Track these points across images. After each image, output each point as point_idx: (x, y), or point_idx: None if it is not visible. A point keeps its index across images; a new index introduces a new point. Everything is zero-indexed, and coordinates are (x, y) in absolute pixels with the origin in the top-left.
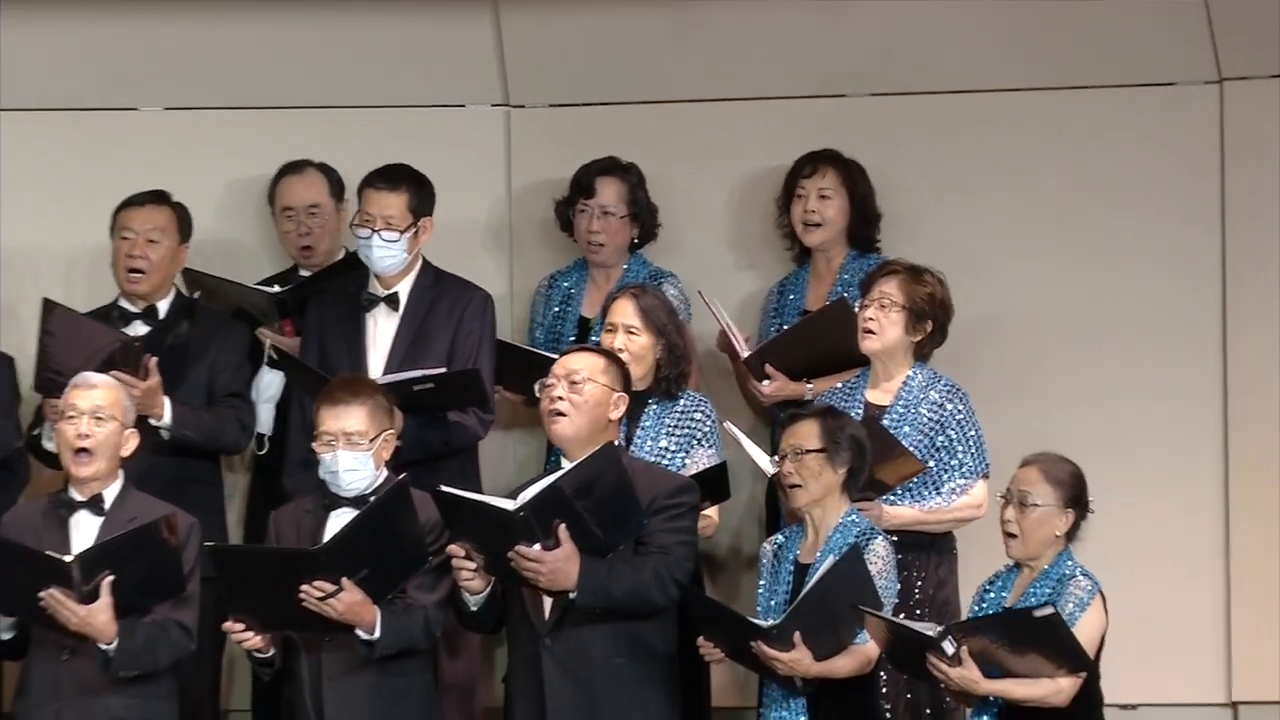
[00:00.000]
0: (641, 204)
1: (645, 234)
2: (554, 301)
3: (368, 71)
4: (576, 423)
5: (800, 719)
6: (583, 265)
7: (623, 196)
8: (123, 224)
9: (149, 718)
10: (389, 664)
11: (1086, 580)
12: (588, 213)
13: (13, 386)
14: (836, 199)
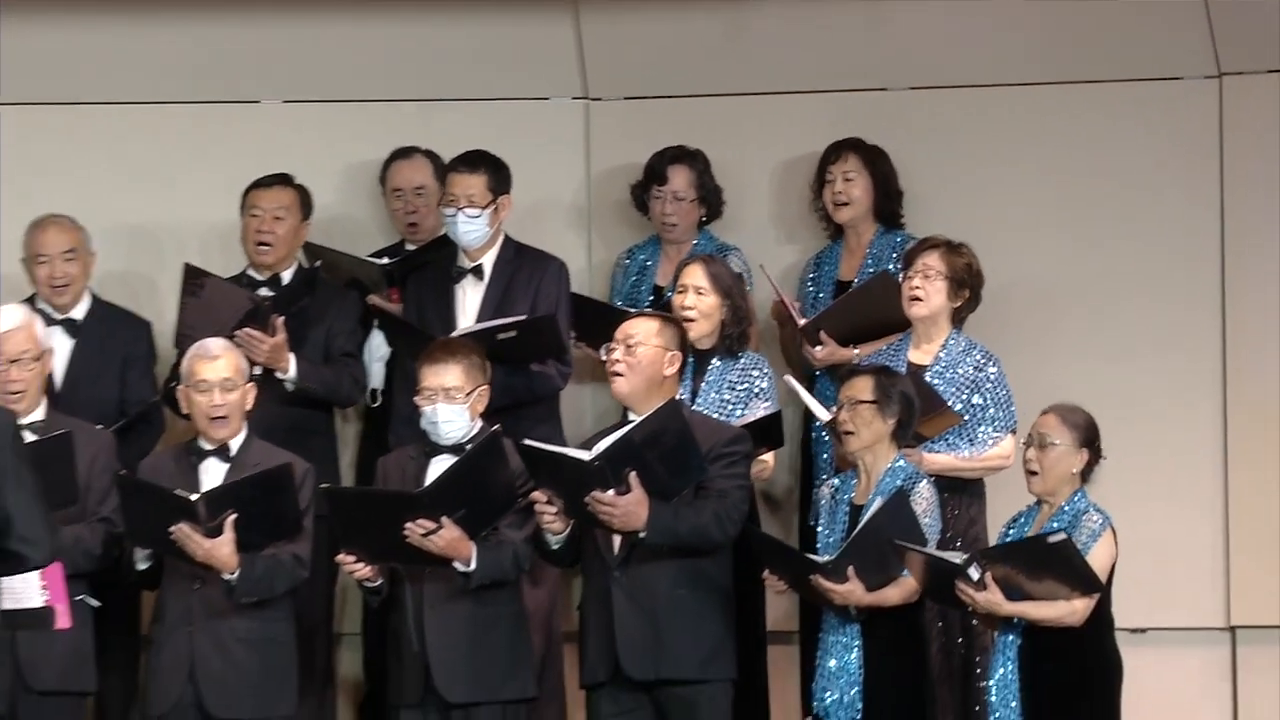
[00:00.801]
0: (708, 187)
1: (712, 213)
2: (631, 272)
3: (463, 68)
4: (632, 381)
5: (855, 643)
6: (657, 240)
7: (691, 182)
8: (252, 203)
9: (270, 639)
10: (482, 593)
11: (1098, 515)
12: (661, 198)
13: (150, 347)
14: (860, 180)
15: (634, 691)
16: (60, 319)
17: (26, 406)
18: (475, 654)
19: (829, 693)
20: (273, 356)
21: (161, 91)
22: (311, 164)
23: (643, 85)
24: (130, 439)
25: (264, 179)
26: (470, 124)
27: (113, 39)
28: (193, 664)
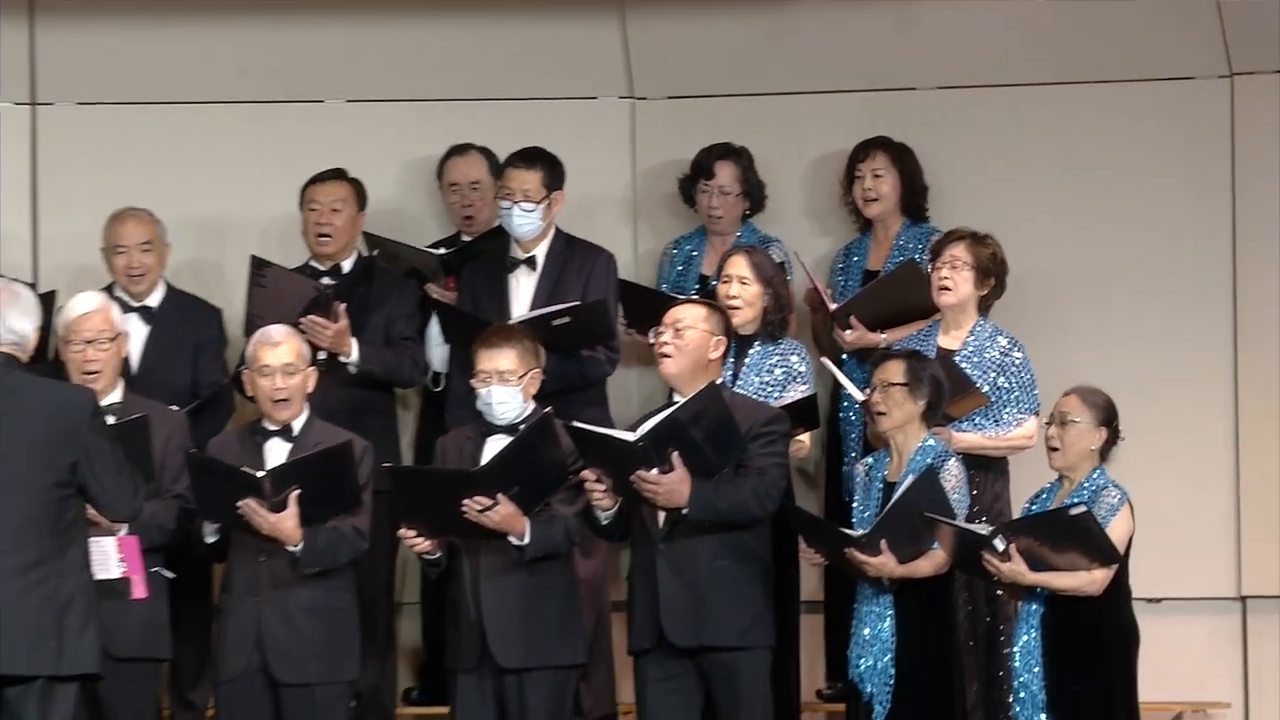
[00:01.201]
0: (752, 182)
1: (755, 207)
2: (677, 262)
3: (516, 69)
4: (680, 363)
5: (888, 612)
6: (703, 232)
7: (736, 177)
8: (310, 198)
9: (333, 608)
10: (536, 565)
11: (1116, 491)
12: (708, 191)
13: (221, 333)
14: (888, 177)
15: (678, 657)
16: (136, 306)
17: (103, 387)
18: (529, 622)
19: (863, 659)
20: (336, 341)
21: (232, 92)
22: (372, 160)
23: (685, 85)
24: (202, 419)
25: (320, 174)
26: (522, 122)
27: (186, 42)
28: (259, 632)
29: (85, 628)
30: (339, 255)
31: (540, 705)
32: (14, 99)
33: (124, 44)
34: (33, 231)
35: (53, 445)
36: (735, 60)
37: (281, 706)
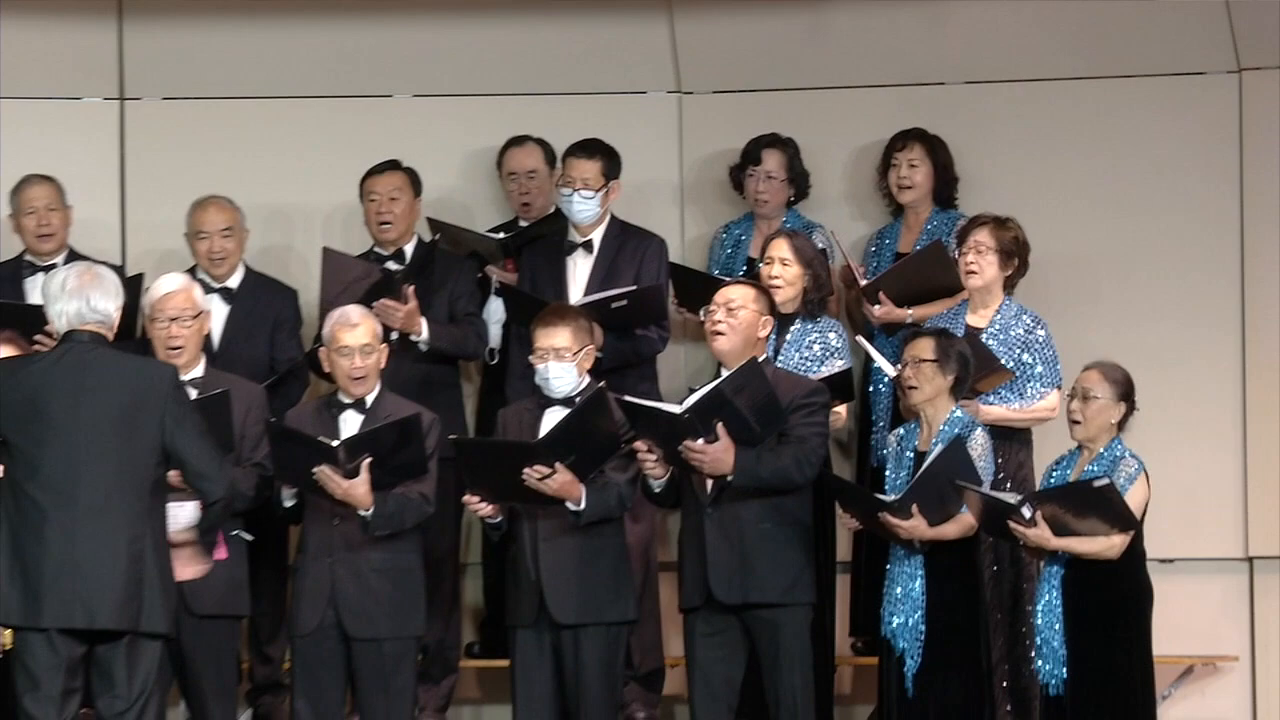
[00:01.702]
0: (797, 170)
1: (800, 194)
2: (726, 245)
3: (570, 65)
4: (732, 340)
5: (919, 573)
6: (751, 217)
7: (783, 164)
8: (369, 189)
9: (401, 568)
10: (590, 528)
11: (1134, 460)
12: (755, 177)
13: (296, 312)
14: (923, 167)
15: (724, 614)
16: (218, 287)
17: (186, 361)
18: (583, 581)
19: (895, 617)
20: (407, 322)
21: (306, 87)
22: (436, 151)
23: (730, 80)
24: (279, 393)
25: (376, 166)
26: (576, 115)
27: (263, 41)
28: (333, 590)
29: (165, 590)
30: (400, 240)
31: (594, 659)
32: (103, 94)
33: (206, 42)
34: (121, 218)
35: (137, 417)
36: (776, 57)
37: (353, 659)
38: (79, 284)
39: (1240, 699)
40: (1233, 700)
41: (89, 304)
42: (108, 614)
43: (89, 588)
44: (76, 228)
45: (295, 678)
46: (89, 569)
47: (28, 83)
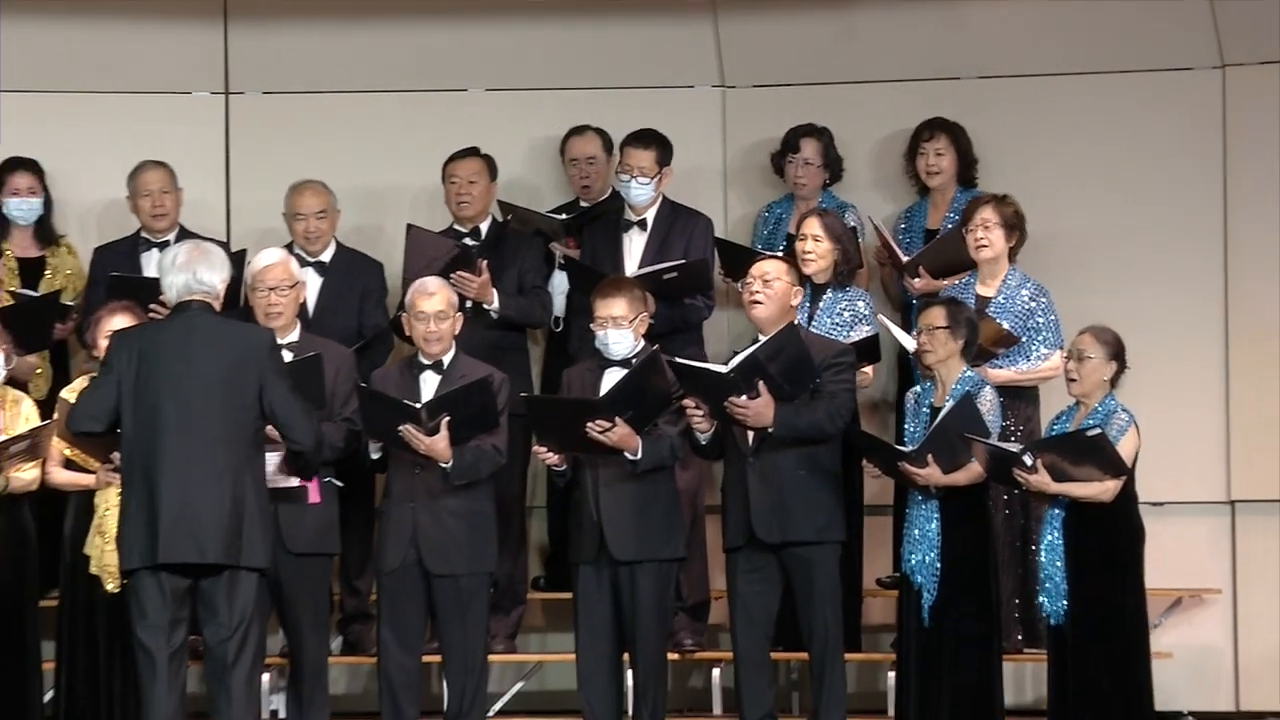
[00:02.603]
0: (832, 156)
1: (834, 177)
2: (769, 222)
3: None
4: (769, 309)
5: (934, 515)
6: (790, 198)
7: (819, 151)
8: (451, 173)
9: (476, 511)
10: (645, 475)
11: (1125, 414)
12: (794, 163)
13: (382, 283)
14: (948, 155)
15: (764, 552)
16: (312, 261)
17: (283, 325)
18: (639, 522)
19: (914, 555)
20: (481, 292)
21: (391, 82)
22: (506, 139)
23: (768, 75)
24: (366, 356)
25: (458, 152)
26: (631, 107)
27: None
28: (415, 531)
29: (264, 529)
30: (477, 219)
31: (648, 592)
32: (210, 89)
33: (302, 43)
34: (226, 200)
35: (239, 376)
36: (810, 54)
37: (433, 593)
38: (188, 259)
39: (1223, 627)
40: (1217, 628)
41: (196, 277)
42: (215, 550)
43: (200, 527)
44: (186, 208)
45: (381, 609)
46: (199, 511)
47: (143, 79)
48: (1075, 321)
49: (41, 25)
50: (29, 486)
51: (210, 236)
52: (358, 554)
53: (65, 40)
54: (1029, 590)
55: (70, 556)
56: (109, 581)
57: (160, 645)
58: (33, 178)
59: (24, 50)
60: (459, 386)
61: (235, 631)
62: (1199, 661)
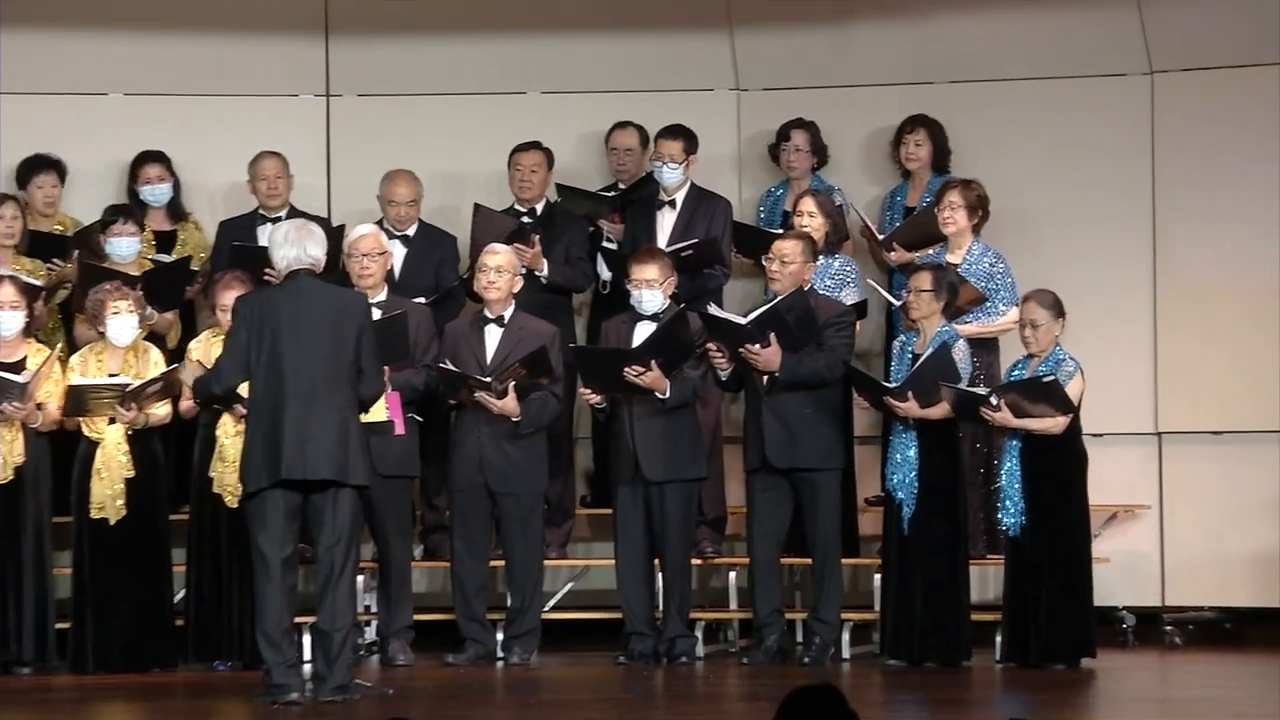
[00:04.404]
0: (818, 145)
1: (821, 162)
2: (770, 201)
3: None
4: (785, 284)
5: (913, 443)
6: (786, 182)
7: (807, 140)
8: (515, 161)
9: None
10: (673, 411)
11: (1072, 362)
12: (786, 150)
13: (455, 252)
14: (925, 145)
15: (777, 475)
16: (399, 235)
17: (373, 286)
18: (667, 449)
19: (895, 475)
20: (533, 261)
21: (464, 85)
22: (558, 133)
23: (776, 80)
24: (440, 309)
25: (522, 144)
26: (660, 107)
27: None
28: (481, 457)
29: (363, 453)
30: (534, 200)
31: (675, 506)
32: (313, 92)
33: (391, 53)
34: (327, 184)
35: (340, 329)
36: (811, 62)
37: (497, 508)
38: (297, 235)
39: (1152, 536)
40: (1146, 538)
41: (305, 250)
42: (327, 468)
43: (315, 450)
44: (296, 191)
45: (454, 523)
46: (314, 437)
47: (258, 84)
48: (1032, 283)
49: (173, 39)
50: (162, 421)
51: (314, 214)
52: (435, 476)
53: (193, 52)
54: (991, 506)
55: (198, 479)
56: (229, 498)
57: (275, 552)
58: (161, 167)
59: (161, 60)
60: (521, 357)
61: (340, 540)
62: (1131, 565)
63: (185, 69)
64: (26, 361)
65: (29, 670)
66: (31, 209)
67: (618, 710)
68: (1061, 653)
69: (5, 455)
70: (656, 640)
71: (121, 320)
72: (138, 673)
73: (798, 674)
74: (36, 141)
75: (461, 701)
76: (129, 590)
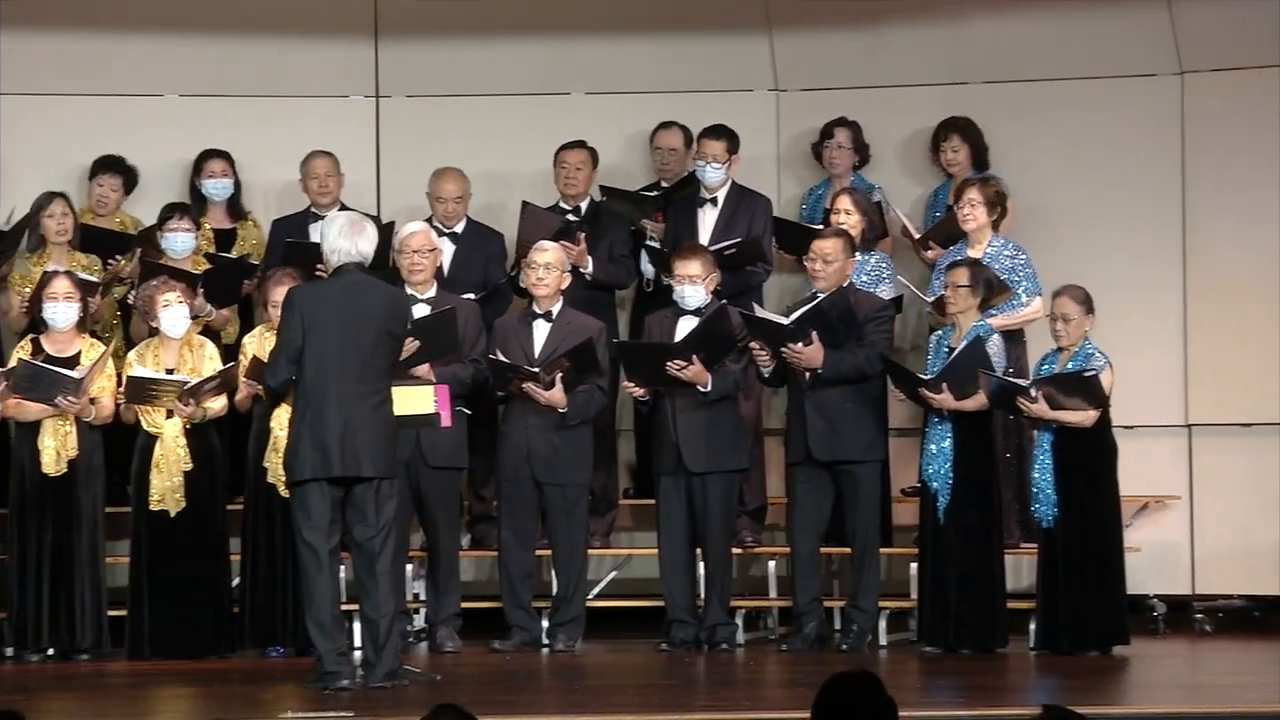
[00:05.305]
0: (860, 144)
1: (863, 160)
2: (811, 200)
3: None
4: (828, 282)
5: (948, 434)
6: (828, 181)
7: (849, 139)
8: (561, 160)
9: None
10: (715, 404)
11: (1102, 357)
12: (829, 148)
13: (502, 249)
14: (962, 149)
15: (819, 468)
16: (447, 232)
17: (422, 282)
18: (709, 441)
19: (930, 466)
20: (578, 259)
21: (510, 86)
22: (602, 133)
23: (814, 81)
24: (488, 305)
25: (567, 144)
26: (702, 107)
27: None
28: (528, 449)
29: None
30: (579, 198)
31: (717, 497)
32: (363, 93)
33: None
34: (376, 182)
35: (384, 322)
36: (847, 63)
37: (543, 499)
38: (350, 230)
39: (1182, 526)
40: (1176, 527)
41: (356, 246)
42: (375, 465)
43: (358, 445)
44: (346, 189)
45: (501, 512)
46: (358, 433)
47: (310, 86)
48: (1065, 279)
49: (227, 42)
50: (219, 414)
51: (365, 211)
52: (483, 467)
53: (246, 54)
54: (1024, 497)
55: (252, 469)
56: (283, 489)
57: (323, 543)
58: (224, 163)
59: (215, 63)
60: (567, 350)
61: (380, 531)
62: (1162, 554)
63: (239, 71)
64: (81, 356)
65: (87, 656)
66: (92, 207)
67: (660, 696)
68: (1094, 640)
69: (60, 449)
70: (698, 627)
71: (173, 311)
72: (193, 659)
73: (836, 660)
74: (94, 143)
75: (508, 687)
76: (186, 579)
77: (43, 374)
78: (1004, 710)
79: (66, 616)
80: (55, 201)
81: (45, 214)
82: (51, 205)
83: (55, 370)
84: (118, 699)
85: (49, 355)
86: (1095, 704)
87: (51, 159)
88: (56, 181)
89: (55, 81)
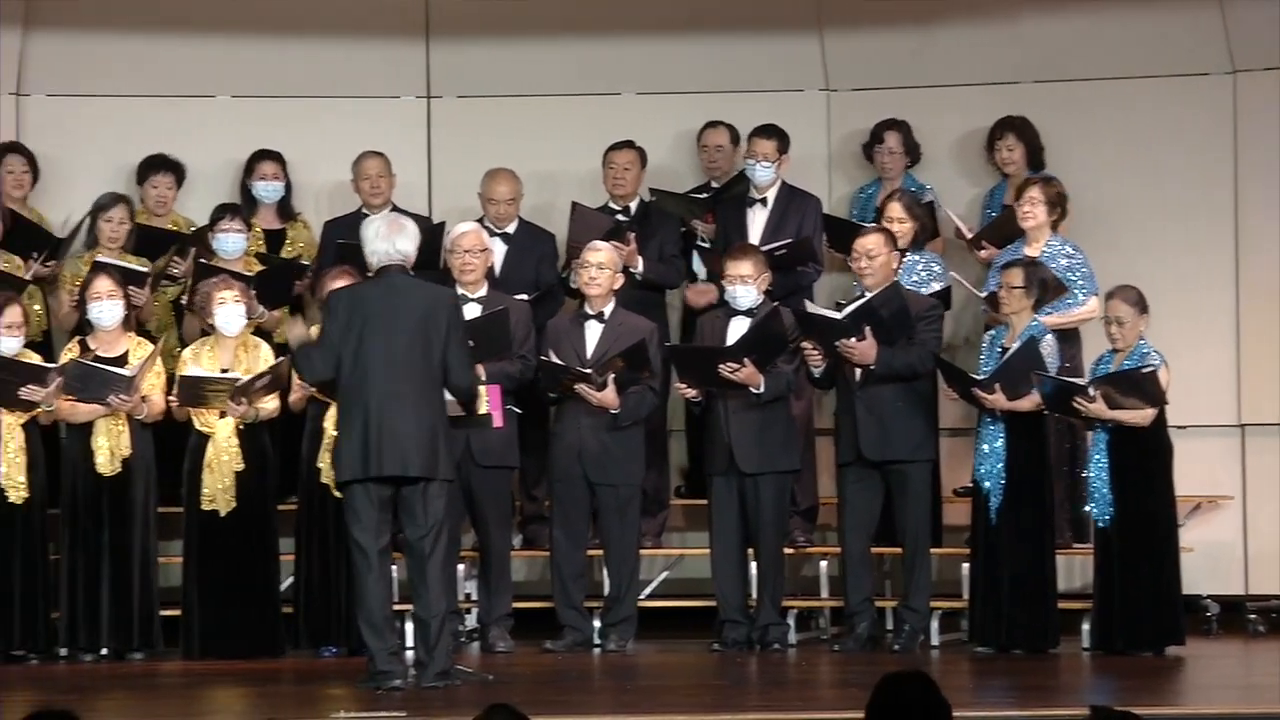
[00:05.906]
0: (911, 145)
1: (914, 161)
2: (861, 200)
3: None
4: (875, 279)
5: (1001, 435)
6: (878, 180)
7: (900, 140)
8: (610, 160)
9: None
10: (767, 405)
11: (1157, 355)
12: (880, 151)
13: (554, 250)
14: (1017, 149)
15: (869, 467)
16: (499, 233)
17: (474, 282)
18: (761, 441)
19: (983, 466)
20: (629, 259)
21: (560, 87)
22: (652, 133)
23: (864, 80)
24: (540, 307)
25: (616, 144)
26: (752, 107)
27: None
28: (580, 448)
29: (451, 447)
30: (628, 199)
31: (769, 497)
32: (415, 94)
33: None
34: (428, 182)
35: (429, 324)
36: (898, 63)
37: (595, 499)
38: (388, 231)
39: (1235, 526)
40: (1230, 527)
41: (394, 246)
42: (417, 465)
43: (404, 446)
44: (398, 190)
45: (553, 512)
46: (403, 433)
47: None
48: (1118, 278)
49: (279, 44)
50: (272, 415)
51: (415, 212)
52: (534, 467)
53: (298, 56)
54: (1077, 497)
55: (306, 470)
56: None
57: (372, 544)
58: (276, 165)
59: (267, 64)
60: (620, 351)
61: (430, 531)
62: (1215, 554)
63: (291, 72)
64: (129, 355)
65: (140, 656)
66: (145, 207)
67: (712, 696)
68: (1148, 640)
69: (113, 448)
70: (750, 627)
71: (229, 309)
72: (245, 658)
73: (888, 661)
74: (147, 143)
75: (560, 687)
76: (238, 579)
77: (95, 373)
78: (1057, 711)
79: (120, 616)
80: (117, 206)
81: (104, 217)
82: (113, 210)
83: (107, 369)
84: (171, 699)
85: (97, 355)
86: (1149, 705)
87: (105, 160)
88: (108, 183)
89: (107, 83)
